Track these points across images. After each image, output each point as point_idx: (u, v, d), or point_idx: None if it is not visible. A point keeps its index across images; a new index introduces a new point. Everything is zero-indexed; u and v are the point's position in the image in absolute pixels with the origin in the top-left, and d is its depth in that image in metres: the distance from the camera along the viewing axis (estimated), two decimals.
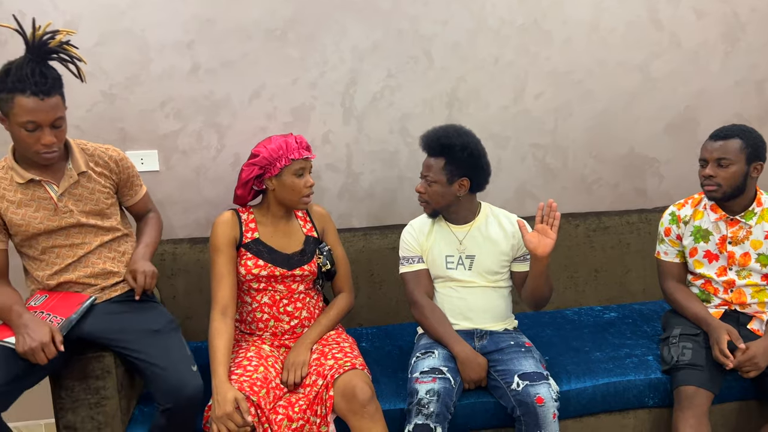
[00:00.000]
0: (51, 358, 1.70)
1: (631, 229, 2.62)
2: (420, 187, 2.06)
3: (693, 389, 1.94)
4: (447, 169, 2.00)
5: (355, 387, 1.80)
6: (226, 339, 1.88)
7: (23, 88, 1.70)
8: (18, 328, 1.73)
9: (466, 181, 2.03)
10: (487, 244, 2.07)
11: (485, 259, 2.06)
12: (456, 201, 2.05)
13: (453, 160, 2.00)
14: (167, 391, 1.74)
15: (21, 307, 1.78)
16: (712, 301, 2.14)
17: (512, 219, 2.11)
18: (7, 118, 1.74)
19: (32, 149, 1.76)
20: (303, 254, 2.04)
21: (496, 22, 2.51)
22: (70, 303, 1.85)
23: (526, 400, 1.84)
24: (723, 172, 2.02)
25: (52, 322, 1.77)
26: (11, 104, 1.71)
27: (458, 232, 2.09)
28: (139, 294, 1.88)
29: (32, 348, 1.68)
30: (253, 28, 2.35)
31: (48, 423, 2.44)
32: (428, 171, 2.03)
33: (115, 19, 2.26)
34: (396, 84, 2.49)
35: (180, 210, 2.45)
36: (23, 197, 1.83)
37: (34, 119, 1.71)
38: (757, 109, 2.77)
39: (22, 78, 1.71)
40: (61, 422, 1.83)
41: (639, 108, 2.69)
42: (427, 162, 2.05)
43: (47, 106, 1.72)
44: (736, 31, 2.68)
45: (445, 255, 2.08)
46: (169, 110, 2.36)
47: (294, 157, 1.96)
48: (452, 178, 2.01)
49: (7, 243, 1.88)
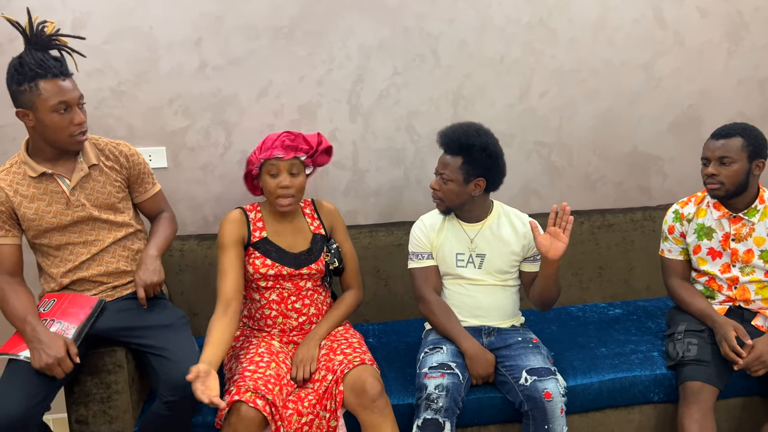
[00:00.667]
0: (68, 371, 1.72)
1: (635, 226, 2.64)
2: (435, 183, 2.05)
3: (698, 385, 1.96)
4: (464, 168, 1.98)
5: (364, 382, 1.82)
6: (220, 327, 1.84)
7: (44, 73, 1.72)
8: (32, 342, 1.73)
9: (482, 181, 2.01)
10: (498, 243, 2.07)
11: (495, 259, 2.07)
12: (470, 200, 2.04)
13: (471, 160, 1.98)
14: (172, 382, 1.75)
15: (34, 318, 1.78)
16: (716, 297, 2.16)
17: (524, 219, 2.11)
18: (34, 108, 1.74)
19: (66, 132, 1.78)
20: (310, 253, 2.05)
21: (502, 21, 2.52)
22: (79, 307, 1.85)
23: (534, 395, 1.85)
24: (725, 170, 2.03)
25: (65, 331, 1.77)
26: (36, 92, 1.72)
27: (470, 231, 2.09)
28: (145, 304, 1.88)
29: (48, 364, 1.69)
30: (261, 25, 2.37)
31: (57, 418, 2.45)
32: (444, 168, 2.01)
33: (124, 17, 2.27)
34: (402, 82, 2.50)
35: (187, 207, 2.47)
36: (36, 191, 1.84)
37: (65, 99, 1.75)
38: (760, 108, 2.79)
39: (40, 63, 1.73)
40: (72, 416, 1.84)
41: (643, 107, 2.71)
42: (443, 159, 2.02)
43: (71, 86, 1.77)
44: (740, 30, 2.70)
45: (455, 252, 2.09)
46: (177, 107, 2.37)
47: (264, 156, 1.95)
48: (469, 178, 1.99)
49: (20, 238, 1.88)
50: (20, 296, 1.82)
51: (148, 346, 1.82)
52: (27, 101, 1.74)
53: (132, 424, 1.87)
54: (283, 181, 1.95)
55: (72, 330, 1.79)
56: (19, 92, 1.74)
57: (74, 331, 1.78)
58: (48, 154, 1.85)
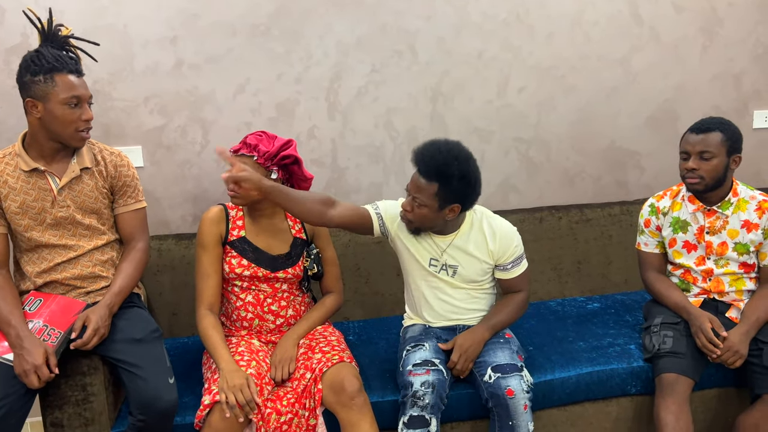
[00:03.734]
0: (46, 381, 1.70)
1: (613, 221, 2.67)
2: (407, 204, 1.90)
3: (674, 376, 1.98)
4: (440, 195, 1.84)
5: (343, 380, 1.82)
6: (220, 331, 1.92)
7: (61, 67, 1.78)
8: (14, 346, 1.72)
9: (457, 207, 1.88)
10: (470, 256, 2.00)
11: (468, 270, 2.00)
12: (443, 223, 1.94)
13: (448, 188, 1.83)
14: (142, 401, 1.74)
15: (19, 320, 1.76)
16: (692, 290, 2.19)
17: (496, 229, 1.99)
18: (46, 99, 1.77)
19: (73, 127, 1.81)
20: (289, 257, 2.03)
21: (479, 17, 2.53)
22: (68, 312, 1.82)
23: (497, 392, 1.85)
24: (705, 164, 2.05)
25: (50, 336, 1.76)
26: (51, 83, 1.77)
27: (440, 242, 1.99)
28: (75, 346, 1.77)
29: (26, 370, 1.68)
30: (238, 23, 2.35)
31: (33, 422, 2.42)
32: (418, 192, 1.85)
33: (98, 15, 2.24)
34: (380, 79, 2.50)
35: (165, 206, 2.45)
36: (24, 185, 1.84)
37: (78, 94, 1.80)
38: (734, 102, 2.83)
39: (57, 58, 1.78)
40: (48, 419, 1.82)
41: (620, 102, 2.73)
42: (417, 182, 1.85)
43: (84, 83, 1.83)
44: (714, 26, 2.73)
45: (429, 258, 2.01)
46: (153, 106, 2.35)
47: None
48: (444, 205, 1.86)
49: (7, 228, 1.88)
50: (6, 295, 1.81)
51: (119, 360, 1.80)
52: (39, 92, 1.77)
53: (108, 426, 1.86)
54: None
55: (58, 336, 1.77)
56: (32, 82, 1.77)
57: (60, 337, 1.76)
58: (45, 150, 1.85)
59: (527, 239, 2.57)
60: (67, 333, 1.78)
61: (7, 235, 1.88)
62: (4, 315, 1.77)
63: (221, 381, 1.76)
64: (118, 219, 1.99)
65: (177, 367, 2.04)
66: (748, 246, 2.11)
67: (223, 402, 1.72)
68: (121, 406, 1.97)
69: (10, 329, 1.74)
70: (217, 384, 1.79)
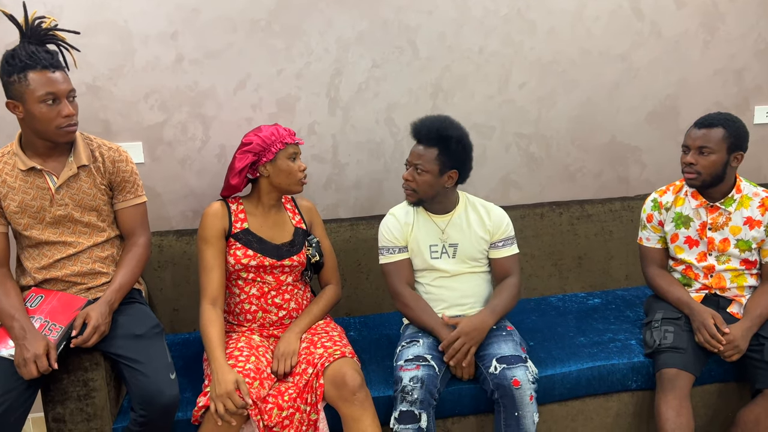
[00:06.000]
0: (43, 372, 1.70)
1: (613, 216, 2.66)
2: (408, 174, 2.04)
3: (675, 372, 1.98)
4: (440, 159, 1.98)
5: (345, 375, 1.82)
6: (218, 327, 1.90)
7: (34, 65, 1.74)
8: (17, 338, 1.73)
9: (455, 173, 2.02)
10: (469, 231, 2.09)
11: (468, 246, 2.08)
12: (442, 192, 2.06)
13: (447, 152, 1.99)
14: (143, 397, 1.74)
15: (22, 315, 1.77)
16: (693, 285, 2.19)
17: (489, 208, 2.13)
18: (23, 99, 1.75)
19: (54, 124, 1.77)
20: (292, 245, 2.05)
21: (480, 12, 2.52)
22: (69, 307, 1.83)
23: (503, 383, 1.87)
24: (703, 160, 2.05)
25: (51, 331, 1.76)
26: (26, 83, 1.73)
27: (440, 222, 2.10)
28: (75, 344, 1.76)
29: (25, 359, 1.68)
30: (238, 18, 2.34)
31: (35, 417, 2.43)
32: (419, 159, 2.00)
33: (98, 10, 2.24)
34: (381, 74, 2.50)
35: (166, 202, 2.44)
36: (23, 184, 1.84)
37: (53, 90, 1.75)
38: (736, 98, 2.82)
39: (30, 55, 1.74)
40: (50, 415, 1.82)
41: (621, 97, 2.73)
42: (417, 150, 2.02)
43: (60, 78, 1.77)
44: (715, 21, 2.72)
45: (429, 245, 2.09)
46: (153, 102, 2.35)
47: (288, 141, 2.00)
48: (443, 170, 2.00)
49: (7, 227, 1.88)
50: (8, 291, 1.81)
51: (120, 356, 1.80)
52: (16, 92, 1.75)
53: (110, 421, 1.86)
54: (303, 165, 2.03)
55: (59, 330, 1.77)
56: (9, 83, 1.76)
57: (61, 331, 1.77)
58: (39, 149, 1.84)
59: (528, 235, 2.58)
60: (68, 328, 1.78)
61: (7, 233, 1.88)
62: (7, 309, 1.77)
63: (211, 388, 1.78)
64: (118, 214, 1.98)
65: (178, 362, 2.05)
66: (751, 243, 2.11)
67: (213, 412, 1.74)
68: (122, 401, 1.97)
69: (14, 322, 1.75)
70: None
